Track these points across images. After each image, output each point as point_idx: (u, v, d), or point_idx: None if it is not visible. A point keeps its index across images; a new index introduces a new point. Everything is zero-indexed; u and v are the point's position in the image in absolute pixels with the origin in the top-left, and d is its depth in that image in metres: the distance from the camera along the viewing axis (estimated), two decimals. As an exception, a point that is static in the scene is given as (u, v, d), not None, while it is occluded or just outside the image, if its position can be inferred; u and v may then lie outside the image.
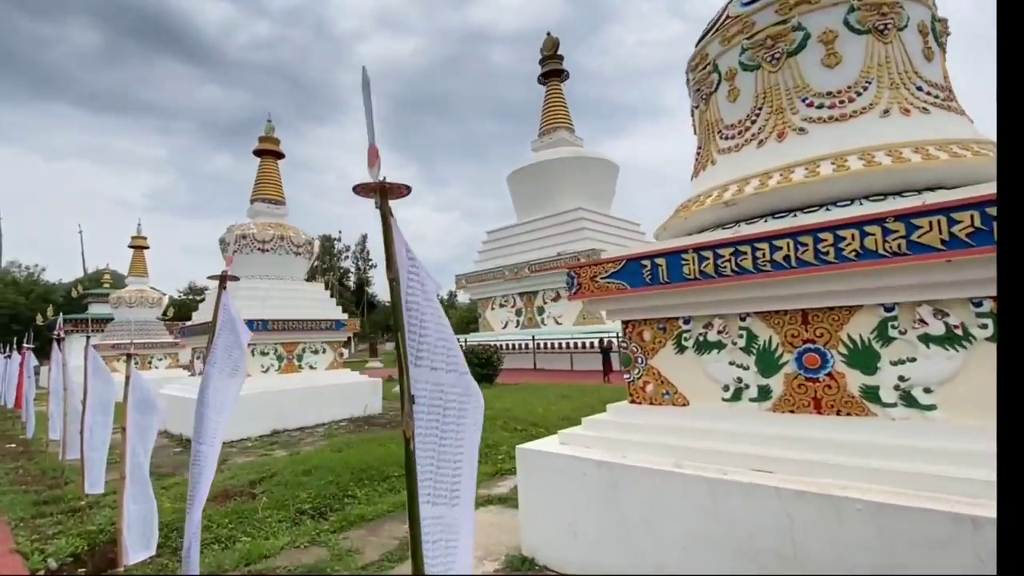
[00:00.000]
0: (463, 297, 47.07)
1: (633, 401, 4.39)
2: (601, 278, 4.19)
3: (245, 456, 9.72)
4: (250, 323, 11.26)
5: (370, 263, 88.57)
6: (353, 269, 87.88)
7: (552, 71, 37.65)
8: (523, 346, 29.70)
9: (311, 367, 13.33)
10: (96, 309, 32.67)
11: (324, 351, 13.66)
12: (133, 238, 24.54)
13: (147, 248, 24.84)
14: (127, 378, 4.77)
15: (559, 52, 37.89)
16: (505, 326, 34.06)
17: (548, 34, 38.53)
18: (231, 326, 3.43)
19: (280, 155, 14.64)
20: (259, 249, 13.20)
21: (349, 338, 16.50)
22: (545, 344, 28.57)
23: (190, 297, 59.53)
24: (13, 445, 12.01)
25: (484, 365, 20.58)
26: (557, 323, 30.98)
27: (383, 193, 1.85)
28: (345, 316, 13.85)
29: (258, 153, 14.54)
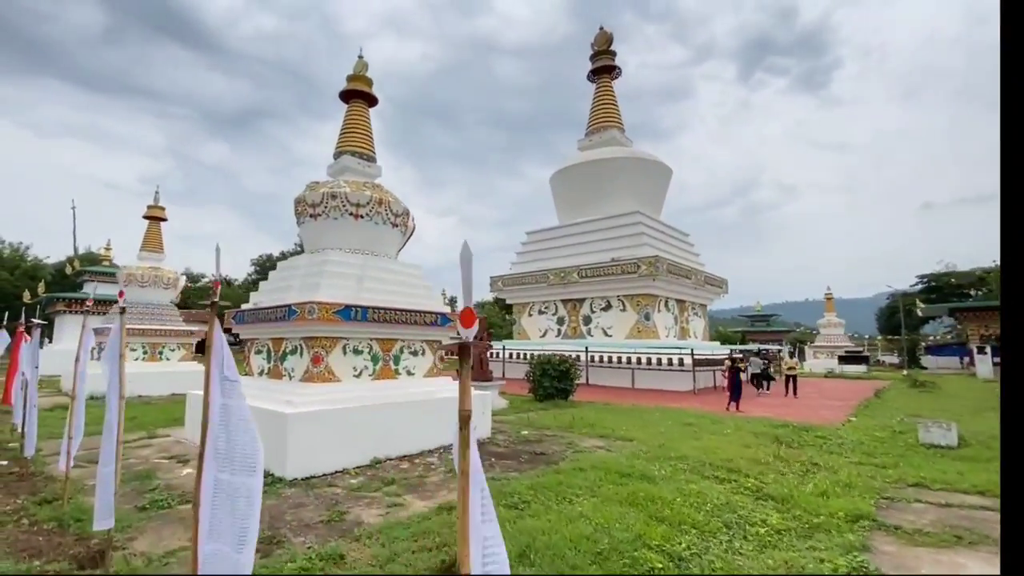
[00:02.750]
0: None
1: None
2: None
3: (367, 505, 6.39)
4: (345, 310, 7.88)
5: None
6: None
7: (603, 67, 34.91)
8: (574, 357, 26.46)
9: (408, 372, 10.01)
10: (93, 289, 28.71)
11: (423, 352, 10.35)
12: (149, 207, 20.87)
13: (164, 220, 21.18)
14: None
15: (611, 48, 35.21)
16: (544, 334, 30.86)
17: (601, 28, 35.86)
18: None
19: (373, 100, 11.37)
20: (352, 214, 9.89)
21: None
22: (602, 357, 25.38)
23: (187, 285, 55.26)
24: (3, 463, 8.46)
25: (561, 378, 17.40)
26: (606, 335, 27.87)
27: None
28: (448, 309, 10.57)
29: (345, 96, 11.27)
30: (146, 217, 20.89)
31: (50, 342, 28.55)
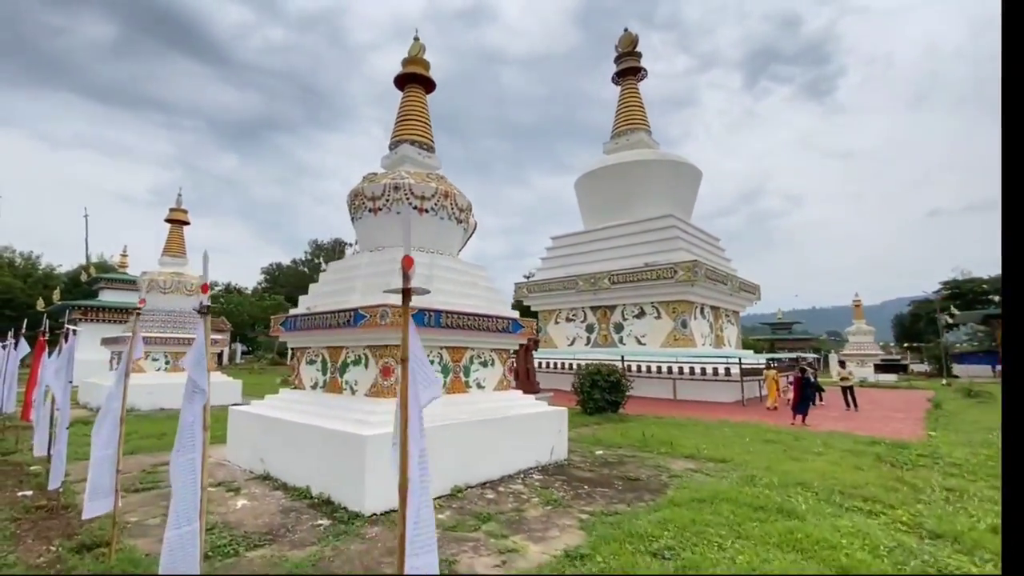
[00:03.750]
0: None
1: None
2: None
3: (473, 550, 5.20)
4: (419, 314, 6.82)
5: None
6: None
7: (628, 69, 33.94)
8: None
9: (479, 385, 8.84)
10: (110, 296, 27.70)
11: (493, 362, 9.18)
12: (172, 210, 19.85)
13: (187, 223, 20.14)
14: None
15: (637, 49, 34.28)
16: (572, 343, 29.64)
17: (626, 30, 34.95)
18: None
19: (431, 84, 10.31)
20: (416, 208, 8.77)
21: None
22: (639, 367, 24.11)
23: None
24: (27, 493, 7.34)
25: (611, 390, 16.18)
26: (640, 343, 26.61)
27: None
28: (516, 314, 9.42)
29: (400, 82, 10.21)
30: (168, 220, 19.86)
31: (57, 353, 27.43)
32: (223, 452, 9.64)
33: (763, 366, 23.37)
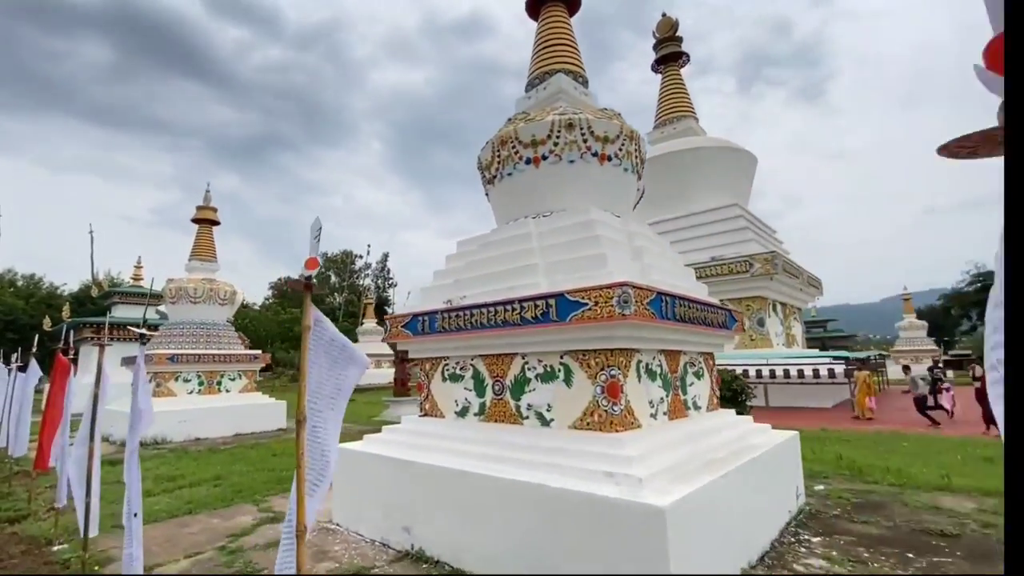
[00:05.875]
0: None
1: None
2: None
3: None
4: (657, 299, 4.17)
5: (390, 281, 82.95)
6: (373, 287, 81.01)
7: (669, 55, 31.58)
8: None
9: (695, 406, 6.12)
10: (124, 312, 24.87)
11: (703, 372, 6.48)
12: (199, 208, 17.11)
13: (216, 223, 17.40)
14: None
15: (677, 34, 31.93)
16: (628, 347, 26.86)
17: (663, 15, 32.68)
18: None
19: (576, 4, 7.69)
20: (597, 154, 6.16)
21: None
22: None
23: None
24: (62, 547, 4.59)
25: (733, 399, 13.48)
26: (709, 345, 23.86)
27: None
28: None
29: (533, 7, 7.59)
30: (196, 220, 17.13)
31: (74, 375, 24.60)
32: (325, 506, 6.87)
33: (855, 367, 20.74)
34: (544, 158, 6.17)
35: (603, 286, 4.48)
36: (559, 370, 5.11)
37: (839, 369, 18.94)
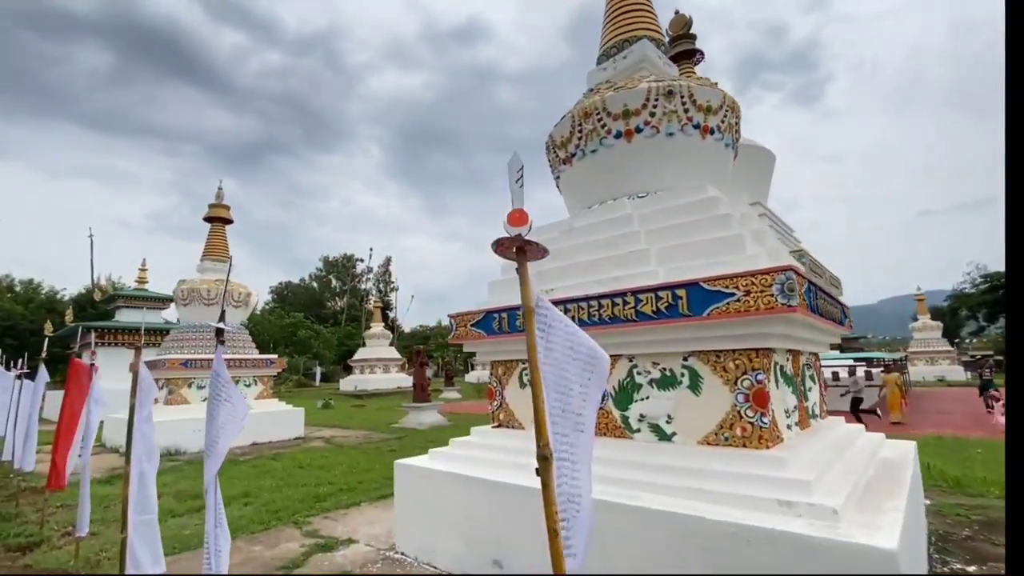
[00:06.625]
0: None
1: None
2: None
3: None
4: (809, 288, 3.36)
5: (392, 285, 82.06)
6: (375, 291, 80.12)
7: (683, 52, 30.83)
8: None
9: (814, 414, 5.33)
10: (129, 316, 23.94)
11: (814, 375, 5.69)
12: (211, 206, 16.26)
13: (229, 222, 16.55)
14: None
15: (691, 31, 31.28)
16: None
17: (676, 12, 31.99)
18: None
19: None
20: (699, 126, 5.40)
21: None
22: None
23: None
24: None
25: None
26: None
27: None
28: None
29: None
30: (208, 219, 16.28)
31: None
32: (377, 529, 6.03)
33: (881, 368, 20.00)
34: (638, 131, 5.38)
35: (757, 272, 3.68)
36: (682, 374, 4.30)
37: (876, 371, 18.22)
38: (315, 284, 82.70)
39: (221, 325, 3.54)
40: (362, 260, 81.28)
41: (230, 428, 3.27)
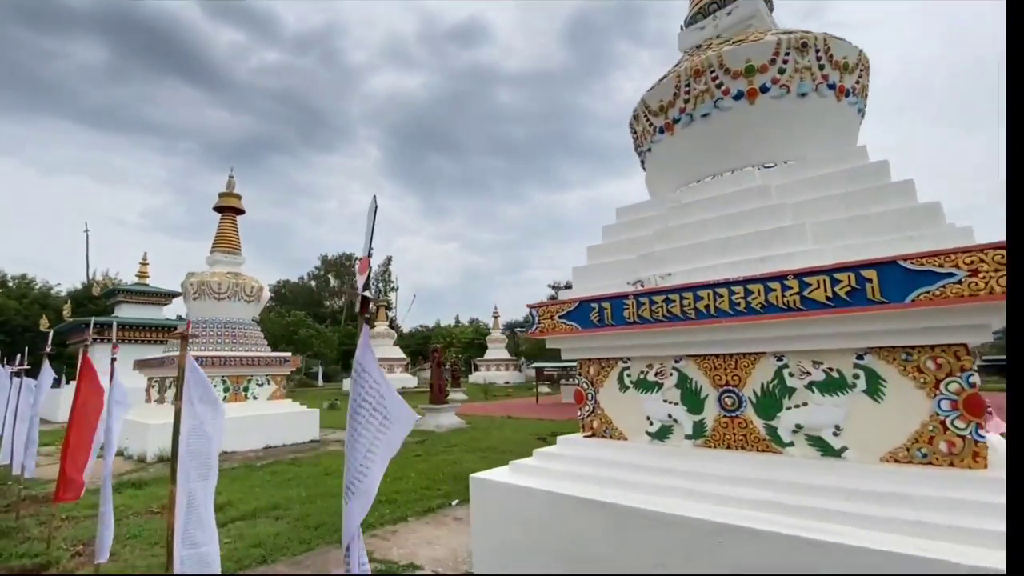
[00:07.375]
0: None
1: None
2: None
3: None
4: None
5: (391, 285, 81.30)
6: (374, 291, 79.24)
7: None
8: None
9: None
10: (130, 312, 22.96)
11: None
12: (222, 195, 15.35)
13: (241, 212, 15.66)
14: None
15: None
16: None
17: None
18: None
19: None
20: (834, 87, 4.62)
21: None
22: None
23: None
24: None
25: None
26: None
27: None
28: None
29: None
30: (218, 209, 15.38)
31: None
32: (439, 552, 5.19)
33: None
34: (764, 90, 4.59)
35: (988, 246, 2.89)
36: (855, 376, 3.50)
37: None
38: (313, 283, 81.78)
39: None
40: (359, 259, 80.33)
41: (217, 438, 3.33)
